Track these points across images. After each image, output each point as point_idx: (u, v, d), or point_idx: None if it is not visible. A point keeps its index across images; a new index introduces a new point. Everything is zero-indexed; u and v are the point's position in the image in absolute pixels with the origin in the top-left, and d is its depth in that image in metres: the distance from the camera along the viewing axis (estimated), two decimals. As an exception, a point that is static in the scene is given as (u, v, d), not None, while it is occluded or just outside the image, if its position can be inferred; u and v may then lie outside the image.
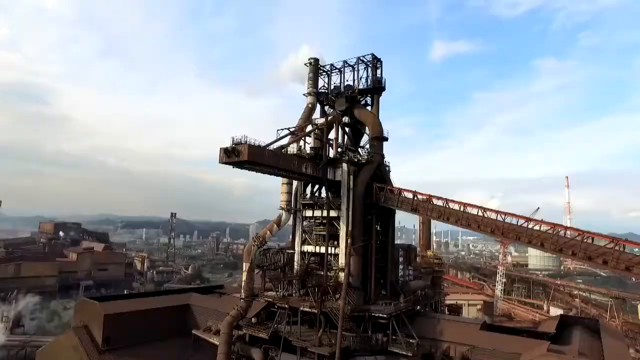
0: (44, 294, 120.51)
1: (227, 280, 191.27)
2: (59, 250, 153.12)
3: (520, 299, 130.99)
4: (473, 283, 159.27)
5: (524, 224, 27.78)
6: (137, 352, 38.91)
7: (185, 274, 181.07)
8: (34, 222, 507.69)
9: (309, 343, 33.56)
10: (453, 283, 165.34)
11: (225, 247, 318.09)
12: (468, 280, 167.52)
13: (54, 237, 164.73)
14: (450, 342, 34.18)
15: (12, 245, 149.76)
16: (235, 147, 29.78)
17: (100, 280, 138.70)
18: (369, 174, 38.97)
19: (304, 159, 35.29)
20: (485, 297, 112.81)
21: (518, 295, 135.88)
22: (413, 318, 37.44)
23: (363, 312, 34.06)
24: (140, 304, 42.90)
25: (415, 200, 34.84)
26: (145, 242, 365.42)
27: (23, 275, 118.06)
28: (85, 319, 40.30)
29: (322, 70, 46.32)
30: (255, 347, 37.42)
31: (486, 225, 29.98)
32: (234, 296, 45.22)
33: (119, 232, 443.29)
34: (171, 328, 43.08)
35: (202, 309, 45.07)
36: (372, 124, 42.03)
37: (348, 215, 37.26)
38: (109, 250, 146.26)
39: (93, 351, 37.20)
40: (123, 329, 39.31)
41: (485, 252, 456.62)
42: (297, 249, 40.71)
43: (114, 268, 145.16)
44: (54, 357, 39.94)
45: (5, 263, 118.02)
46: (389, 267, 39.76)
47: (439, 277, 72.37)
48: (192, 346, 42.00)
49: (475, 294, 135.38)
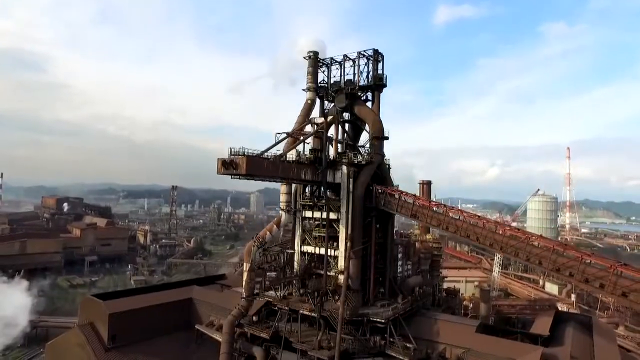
0: (50, 270, 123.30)
1: (228, 253, 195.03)
2: (62, 225, 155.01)
3: (517, 274, 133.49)
4: (471, 257, 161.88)
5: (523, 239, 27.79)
6: (143, 349, 40.15)
7: (188, 247, 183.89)
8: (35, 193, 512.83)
9: (309, 346, 34.48)
10: (452, 256, 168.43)
11: (226, 218, 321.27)
12: (466, 254, 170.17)
13: (57, 212, 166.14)
14: (446, 344, 35.09)
15: (16, 221, 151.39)
16: (233, 160, 29.39)
17: (104, 255, 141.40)
18: (368, 175, 38.69)
19: (303, 165, 34.92)
20: (482, 274, 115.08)
21: (515, 270, 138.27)
22: (411, 318, 38.26)
23: (361, 316, 34.76)
24: (143, 300, 43.79)
25: (415, 206, 34.75)
26: (147, 212, 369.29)
27: (29, 252, 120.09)
28: (90, 317, 41.29)
29: (322, 63, 44.99)
30: (256, 344, 38.48)
31: (485, 238, 30.02)
32: (235, 290, 46.01)
33: (121, 202, 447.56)
34: (174, 322, 44.21)
35: (204, 303, 46.05)
36: (372, 122, 41.28)
37: (347, 218, 37.32)
38: (111, 226, 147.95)
39: (100, 349, 38.39)
40: (128, 327, 40.37)
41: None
42: (297, 248, 41.06)
43: (117, 243, 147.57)
44: (63, 353, 41.24)
45: (10, 240, 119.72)
46: (387, 267, 40.22)
47: (437, 261, 73.52)
48: (196, 340, 43.24)
49: (473, 268, 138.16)
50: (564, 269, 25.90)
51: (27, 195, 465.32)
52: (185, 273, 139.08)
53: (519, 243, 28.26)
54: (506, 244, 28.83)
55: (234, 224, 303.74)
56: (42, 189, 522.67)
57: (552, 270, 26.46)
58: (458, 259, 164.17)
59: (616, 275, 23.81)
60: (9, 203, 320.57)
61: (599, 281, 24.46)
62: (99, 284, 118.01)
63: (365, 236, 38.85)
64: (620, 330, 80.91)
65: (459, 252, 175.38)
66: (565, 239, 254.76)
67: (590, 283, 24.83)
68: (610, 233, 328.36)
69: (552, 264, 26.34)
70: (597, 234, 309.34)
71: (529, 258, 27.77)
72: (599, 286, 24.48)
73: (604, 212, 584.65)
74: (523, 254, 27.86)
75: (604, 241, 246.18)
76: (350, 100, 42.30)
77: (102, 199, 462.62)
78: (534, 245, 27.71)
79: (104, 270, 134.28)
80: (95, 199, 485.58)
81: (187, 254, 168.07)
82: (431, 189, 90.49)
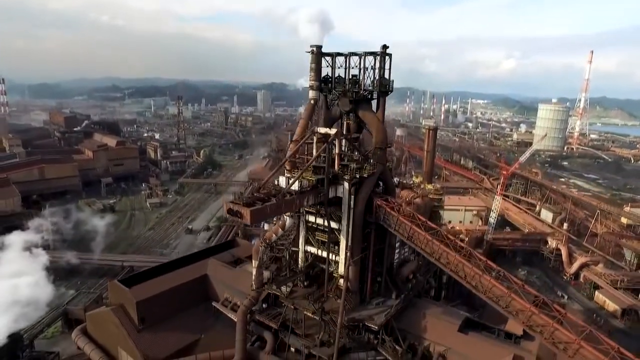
0: (69, 194, 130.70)
1: (237, 165, 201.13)
2: (74, 143, 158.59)
3: (516, 196, 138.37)
4: (474, 175, 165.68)
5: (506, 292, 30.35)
6: (168, 326, 46.47)
7: (198, 160, 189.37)
8: (39, 92, 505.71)
9: (311, 343, 40.00)
10: (454, 173, 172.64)
11: (234, 121, 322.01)
12: (470, 171, 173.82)
13: (67, 131, 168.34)
14: (430, 340, 40.31)
15: (29, 142, 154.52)
16: (238, 211, 30.84)
17: (117, 174, 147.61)
18: (370, 189, 39.78)
19: (306, 193, 36.00)
20: (481, 203, 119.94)
21: (515, 192, 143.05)
22: (402, 311, 42.99)
23: (357, 322, 39.48)
24: (164, 282, 48.76)
25: (412, 229, 36.65)
26: (154, 113, 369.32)
27: (47, 177, 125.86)
28: (119, 300, 46.86)
29: (326, 56, 42.35)
30: (266, 329, 44.27)
31: (472, 279, 32.55)
32: (245, 270, 50.55)
33: (127, 101, 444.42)
34: (192, 298, 50.06)
35: (218, 281, 51.35)
36: (376, 131, 40.67)
37: (348, 231, 39.62)
38: (122, 146, 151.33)
39: (133, 330, 44.63)
40: (153, 309, 46.06)
41: (494, 120, 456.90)
42: (302, 247, 44.28)
43: (129, 162, 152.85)
44: (101, 326, 47.91)
45: (28, 166, 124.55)
46: (384, 268, 43.78)
47: (437, 212, 77.37)
48: (213, 315, 49.40)
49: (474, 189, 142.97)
50: (536, 326, 29.03)
51: (31, 94, 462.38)
52: (197, 191, 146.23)
53: (501, 293, 30.88)
54: (489, 289, 31.49)
55: (241, 128, 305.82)
56: (45, 86, 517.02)
57: (525, 325, 29.61)
58: (460, 176, 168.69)
59: (578, 346, 26.86)
60: (16, 107, 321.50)
61: (565, 345, 27.68)
62: (117, 206, 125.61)
63: (365, 242, 41.61)
64: (599, 267, 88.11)
65: (462, 168, 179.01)
66: (572, 149, 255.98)
67: (556, 345, 28.11)
68: (619, 139, 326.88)
69: (527, 319, 29.37)
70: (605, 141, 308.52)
71: (507, 306, 30.70)
72: (563, 349, 27.77)
73: (617, 111, 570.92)
74: (503, 303, 30.75)
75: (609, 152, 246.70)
76: (355, 105, 41.12)
77: (107, 97, 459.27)
78: (515, 298, 30.34)
79: (120, 191, 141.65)
80: (100, 97, 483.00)
81: (197, 169, 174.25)
82: (435, 146, 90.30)
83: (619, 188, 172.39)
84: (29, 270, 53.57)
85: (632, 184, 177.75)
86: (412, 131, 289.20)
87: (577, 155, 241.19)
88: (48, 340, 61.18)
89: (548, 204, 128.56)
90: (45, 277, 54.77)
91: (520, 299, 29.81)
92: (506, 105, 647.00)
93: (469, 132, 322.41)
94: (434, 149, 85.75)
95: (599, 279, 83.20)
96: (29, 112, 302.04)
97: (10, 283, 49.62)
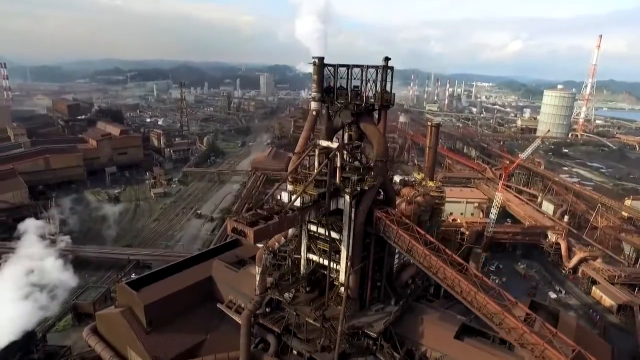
0: (74, 184, 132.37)
1: (240, 152, 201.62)
2: (77, 132, 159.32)
3: (518, 187, 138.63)
4: (476, 164, 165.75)
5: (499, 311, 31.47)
6: (175, 327, 48.23)
7: (201, 148, 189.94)
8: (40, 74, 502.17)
9: (312, 349, 41.62)
10: (457, 162, 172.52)
11: (237, 106, 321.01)
12: (472, 160, 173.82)
13: (71, 119, 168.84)
14: (427, 346, 41.81)
15: (33, 131, 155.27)
16: (242, 230, 31.83)
17: (121, 163, 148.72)
18: (370, 200, 40.59)
19: (307, 208, 36.87)
20: (482, 195, 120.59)
21: (517, 183, 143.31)
22: (401, 316, 44.38)
23: (357, 329, 40.95)
24: (170, 285, 50.31)
25: (410, 243, 37.62)
26: (157, 97, 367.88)
27: (53, 167, 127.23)
28: (127, 302, 48.49)
29: (328, 67, 42.53)
30: (269, 332, 45.92)
31: (467, 295, 33.66)
32: (249, 272, 51.97)
33: (129, 85, 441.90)
34: (198, 299, 51.70)
35: (222, 283, 52.88)
36: (377, 143, 41.17)
37: (349, 243, 40.66)
38: (125, 135, 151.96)
39: (141, 332, 46.39)
40: (160, 311, 47.74)
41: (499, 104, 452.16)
42: (303, 255, 45.45)
43: (133, 151, 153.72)
44: (110, 326, 49.75)
45: (33, 157, 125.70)
46: (384, 275, 45.02)
47: (438, 209, 78.09)
48: (217, 316, 51.08)
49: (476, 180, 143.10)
50: (527, 344, 30.27)
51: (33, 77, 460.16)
52: (201, 180, 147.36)
53: (495, 311, 32.01)
54: (483, 306, 32.64)
55: (244, 113, 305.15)
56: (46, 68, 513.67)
57: (516, 342, 30.90)
58: (463, 165, 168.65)
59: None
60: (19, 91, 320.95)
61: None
62: (122, 197, 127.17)
63: (365, 251, 42.71)
64: (597, 262, 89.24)
65: (465, 158, 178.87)
66: (576, 136, 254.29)
67: (548, 364, 29.41)
68: (625, 125, 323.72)
69: (519, 337, 30.60)
70: (610, 127, 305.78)
71: (500, 323, 31.88)
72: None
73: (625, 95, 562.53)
74: (497, 320, 31.92)
75: (614, 139, 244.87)
76: (357, 117, 41.59)
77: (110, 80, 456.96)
78: (508, 316, 31.47)
79: (124, 180, 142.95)
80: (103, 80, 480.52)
81: (201, 157, 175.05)
82: (439, 132, 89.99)
83: (622, 177, 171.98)
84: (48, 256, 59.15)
85: (636, 174, 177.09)
86: (416, 116, 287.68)
87: (581, 142, 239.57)
88: (59, 333, 63.62)
89: (550, 194, 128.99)
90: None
91: (513, 318, 30.93)
92: (511, 88, 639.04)
93: (473, 118, 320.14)
94: (436, 144, 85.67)
95: (597, 274, 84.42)
96: (31, 97, 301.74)
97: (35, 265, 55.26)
